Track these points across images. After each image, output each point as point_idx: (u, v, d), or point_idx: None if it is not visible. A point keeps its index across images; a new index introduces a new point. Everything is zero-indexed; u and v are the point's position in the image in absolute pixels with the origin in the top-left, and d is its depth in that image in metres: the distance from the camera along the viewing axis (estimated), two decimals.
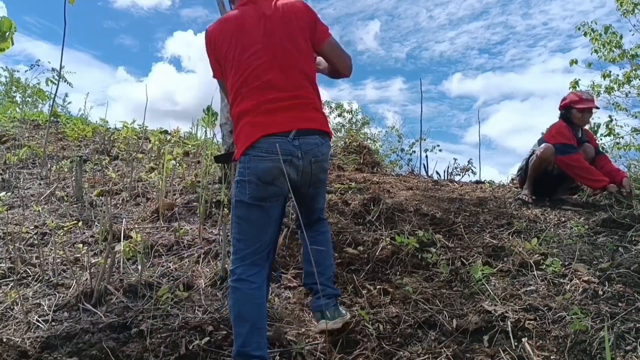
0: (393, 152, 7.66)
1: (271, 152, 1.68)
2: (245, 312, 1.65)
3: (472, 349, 1.82)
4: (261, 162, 1.69)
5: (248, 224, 1.74)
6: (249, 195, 1.71)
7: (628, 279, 2.17)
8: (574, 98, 3.81)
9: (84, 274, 2.52)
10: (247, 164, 1.71)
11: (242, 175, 1.73)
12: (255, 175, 1.70)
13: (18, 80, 8.44)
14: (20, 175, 4.33)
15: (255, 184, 1.70)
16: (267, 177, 1.70)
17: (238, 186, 1.75)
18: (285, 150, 1.69)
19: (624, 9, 7.24)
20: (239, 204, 1.74)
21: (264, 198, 1.73)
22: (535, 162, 3.68)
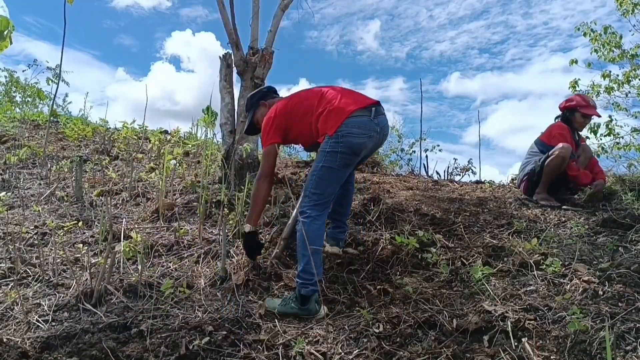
0: (393, 152, 7.65)
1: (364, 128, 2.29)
2: (312, 239, 2.16)
3: (472, 349, 1.82)
4: (354, 138, 2.25)
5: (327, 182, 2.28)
6: (339, 163, 2.26)
7: (628, 279, 2.17)
8: (582, 102, 3.80)
9: (84, 274, 2.52)
10: (342, 139, 2.24)
11: (334, 147, 2.25)
12: (349, 147, 2.25)
13: (17, 80, 8.43)
14: (20, 175, 4.33)
15: (347, 154, 2.26)
16: (357, 150, 2.28)
17: (328, 156, 2.26)
18: (371, 129, 2.31)
19: (623, 9, 7.24)
20: (325, 168, 2.27)
21: (347, 165, 2.31)
22: (557, 163, 3.56)
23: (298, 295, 2.16)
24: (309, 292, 2.15)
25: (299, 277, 2.20)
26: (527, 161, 3.92)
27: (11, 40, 2.31)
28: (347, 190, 2.71)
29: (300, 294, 2.15)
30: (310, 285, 2.15)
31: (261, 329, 2.02)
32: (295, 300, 2.17)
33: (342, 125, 2.25)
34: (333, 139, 2.26)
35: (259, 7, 4.31)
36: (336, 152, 2.25)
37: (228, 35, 4.19)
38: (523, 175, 3.88)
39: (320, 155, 2.30)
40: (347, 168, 2.35)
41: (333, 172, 2.28)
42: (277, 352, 1.83)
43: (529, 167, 3.82)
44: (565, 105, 3.87)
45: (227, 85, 4.19)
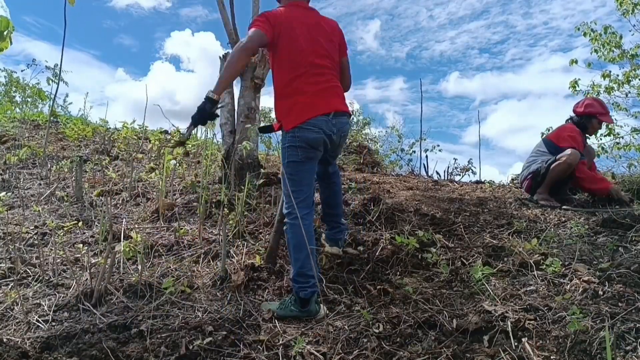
0: (393, 152, 7.66)
1: (319, 127, 2.26)
2: (303, 242, 2.13)
3: (472, 349, 1.82)
4: (310, 133, 2.24)
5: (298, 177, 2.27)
6: (301, 156, 2.25)
7: (628, 279, 2.16)
8: (601, 109, 3.81)
9: (84, 274, 2.52)
10: (298, 134, 2.24)
11: (293, 142, 2.24)
12: (305, 142, 2.25)
13: (17, 80, 8.43)
14: (20, 175, 4.33)
15: (305, 148, 2.25)
16: (314, 144, 2.27)
17: (289, 150, 2.26)
18: (327, 128, 2.29)
19: (623, 9, 7.24)
20: (291, 164, 2.26)
21: (310, 158, 2.29)
22: (563, 168, 3.56)
23: (297, 299, 2.14)
24: (307, 295, 2.13)
25: (295, 282, 2.17)
26: (532, 159, 3.88)
27: (11, 41, 2.31)
28: (332, 191, 2.69)
29: (300, 297, 2.13)
30: (309, 287, 2.14)
31: (261, 329, 2.02)
32: (294, 303, 2.15)
33: (300, 124, 2.23)
34: (290, 134, 2.26)
35: (259, 7, 4.31)
36: (295, 147, 2.25)
37: (228, 35, 4.19)
38: (527, 174, 3.85)
39: (282, 153, 2.32)
40: (311, 161, 2.32)
41: (300, 166, 2.27)
42: (277, 352, 1.83)
43: (534, 167, 3.79)
44: (585, 111, 3.82)
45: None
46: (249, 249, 2.87)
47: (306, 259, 2.15)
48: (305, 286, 2.14)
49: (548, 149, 3.83)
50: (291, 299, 2.19)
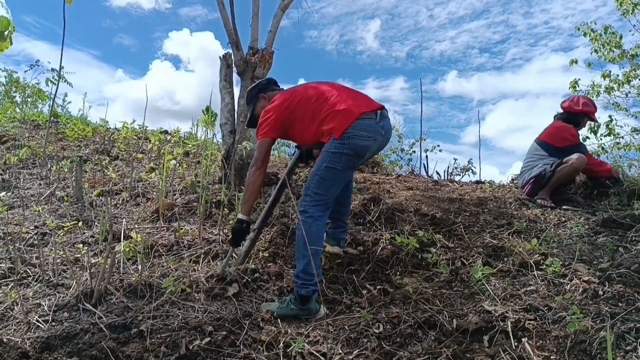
0: (393, 152, 7.65)
1: (368, 131, 2.27)
2: (313, 240, 2.16)
3: (472, 349, 1.82)
4: (360, 141, 2.24)
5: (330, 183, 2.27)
6: (343, 164, 2.24)
7: (628, 279, 2.16)
8: (592, 109, 3.90)
9: (84, 274, 2.52)
10: (347, 141, 2.23)
11: (340, 149, 2.24)
12: (354, 150, 2.24)
13: (17, 81, 8.43)
14: (20, 175, 4.33)
15: (352, 156, 2.25)
16: (362, 152, 2.28)
17: (333, 157, 2.24)
18: (376, 132, 2.31)
19: (623, 9, 7.24)
20: (330, 169, 2.24)
21: (351, 167, 2.32)
22: (569, 172, 3.61)
23: (298, 296, 2.15)
24: (309, 292, 2.14)
25: (299, 278, 2.18)
26: (532, 164, 3.87)
27: (11, 41, 2.32)
28: (347, 190, 2.70)
29: (300, 295, 2.14)
30: (311, 285, 2.15)
31: (261, 329, 2.02)
32: (294, 302, 2.16)
33: (349, 128, 2.23)
34: (339, 141, 2.24)
35: (259, 7, 4.31)
36: (341, 154, 2.23)
37: (228, 35, 4.19)
38: (530, 178, 3.83)
39: (324, 156, 2.28)
40: (351, 170, 2.35)
41: (337, 173, 2.26)
42: (277, 352, 1.83)
43: (537, 171, 3.77)
44: (583, 109, 3.85)
45: (227, 85, 4.19)
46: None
47: (313, 257, 2.16)
48: (307, 283, 2.15)
49: (546, 151, 3.83)
50: (291, 298, 2.19)
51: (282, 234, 3.02)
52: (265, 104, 2.58)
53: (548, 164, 3.72)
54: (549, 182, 3.68)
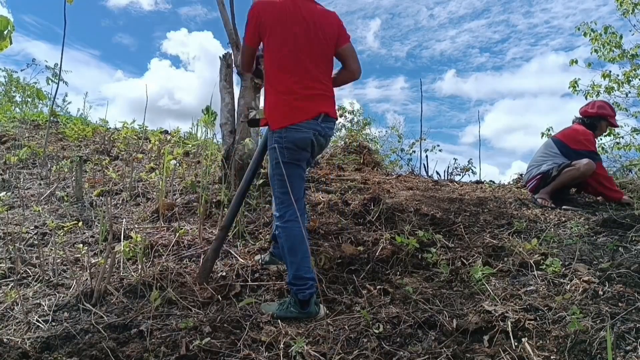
0: (393, 152, 7.67)
1: (306, 127, 2.20)
2: (297, 244, 2.15)
3: (472, 349, 1.82)
4: (297, 133, 2.18)
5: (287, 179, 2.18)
6: (288, 157, 2.18)
7: (628, 279, 2.16)
8: (611, 112, 3.86)
9: (84, 274, 2.52)
10: (285, 134, 2.18)
11: (279, 142, 2.19)
12: (292, 143, 2.18)
13: (17, 80, 8.43)
14: (20, 175, 4.33)
15: (292, 149, 2.19)
16: (301, 144, 2.20)
17: (276, 151, 2.19)
18: (314, 128, 2.23)
19: (623, 8, 7.24)
20: (278, 164, 2.18)
21: (297, 160, 2.23)
22: (575, 175, 3.58)
23: (297, 300, 2.13)
24: (306, 297, 2.12)
25: (293, 285, 2.15)
26: (542, 160, 3.83)
27: (11, 40, 2.31)
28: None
29: (299, 299, 2.13)
30: (307, 289, 2.13)
31: (261, 330, 2.02)
32: (294, 305, 2.14)
33: (288, 126, 2.18)
34: (276, 134, 2.20)
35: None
36: (282, 147, 2.18)
37: (228, 35, 4.19)
38: (537, 173, 3.80)
39: (270, 153, 2.26)
40: (300, 163, 2.25)
41: (288, 167, 2.19)
42: (278, 352, 1.83)
43: (545, 167, 3.75)
44: (598, 112, 3.83)
45: (227, 85, 4.19)
46: (249, 249, 2.87)
47: (302, 261, 2.13)
48: (302, 288, 2.12)
49: (560, 150, 3.80)
50: (291, 301, 2.18)
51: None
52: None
53: (557, 163, 3.70)
54: (553, 181, 3.67)
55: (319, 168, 5.30)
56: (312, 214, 3.41)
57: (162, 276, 2.44)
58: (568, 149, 3.76)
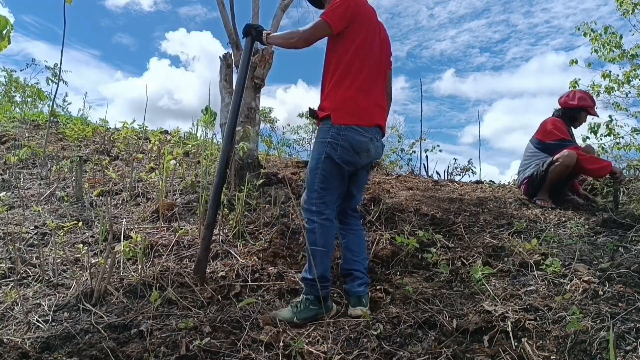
0: (393, 152, 7.67)
1: (368, 133, 2.16)
2: (329, 244, 2.13)
3: (472, 349, 1.82)
4: (357, 135, 2.12)
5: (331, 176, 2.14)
6: (339, 155, 2.11)
7: (628, 279, 2.16)
8: (591, 102, 3.85)
9: (84, 274, 2.52)
10: (344, 132, 2.11)
11: (335, 139, 2.11)
12: (349, 142, 2.11)
13: (17, 80, 8.43)
14: (20, 175, 4.33)
15: (347, 149, 2.12)
16: (357, 147, 2.14)
17: (329, 147, 2.11)
18: (372, 137, 2.19)
19: (623, 9, 7.24)
20: (328, 160, 2.12)
21: (347, 162, 2.15)
22: (561, 170, 3.56)
23: (316, 298, 2.11)
24: (327, 293, 2.16)
25: (317, 282, 2.09)
26: (526, 163, 3.88)
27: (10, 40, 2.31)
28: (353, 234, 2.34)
29: (321, 296, 2.11)
30: (329, 285, 2.18)
31: (261, 329, 2.02)
32: (313, 302, 2.12)
33: (352, 125, 2.12)
34: (334, 129, 2.11)
35: (259, 7, 4.31)
36: (337, 144, 2.11)
37: (228, 35, 4.19)
38: (523, 178, 3.86)
39: (319, 147, 2.16)
40: (348, 166, 2.17)
41: (336, 166, 2.14)
42: (277, 352, 1.83)
43: (530, 171, 3.78)
44: (579, 104, 3.82)
45: (227, 85, 4.19)
46: (249, 249, 2.87)
47: (329, 262, 2.15)
48: (326, 285, 2.14)
49: (537, 148, 3.83)
50: (306, 301, 2.13)
51: (282, 234, 3.02)
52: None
53: (539, 164, 3.72)
54: (543, 182, 3.68)
55: None
56: None
57: (162, 276, 2.44)
58: (543, 144, 3.79)
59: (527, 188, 3.82)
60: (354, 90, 2.15)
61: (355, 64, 2.17)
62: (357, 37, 2.17)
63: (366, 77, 2.18)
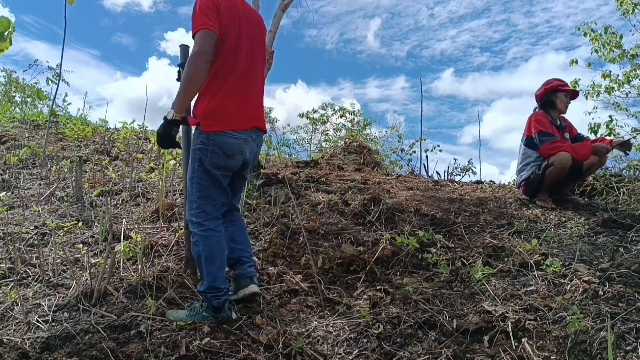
0: (393, 152, 7.67)
1: (237, 135, 2.08)
2: (215, 254, 2.05)
3: (472, 349, 1.82)
4: (227, 138, 2.05)
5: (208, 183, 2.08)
6: (211, 161, 2.04)
7: (628, 279, 2.16)
8: (558, 82, 3.83)
9: (84, 274, 2.52)
10: (213, 137, 2.03)
11: (206, 144, 2.03)
12: (220, 147, 2.04)
13: (17, 81, 8.44)
14: (20, 175, 4.33)
15: (219, 154, 2.04)
16: (229, 151, 2.07)
17: (200, 153, 2.04)
18: (245, 138, 2.12)
19: (623, 8, 7.24)
20: (201, 167, 2.05)
21: (220, 167, 2.08)
22: (557, 173, 3.56)
23: (210, 307, 2.05)
24: (221, 303, 2.04)
25: (207, 293, 2.04)
26: (521, 167, 3.89)
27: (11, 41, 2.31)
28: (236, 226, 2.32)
29: (214, 306, 2.04)
30: (222, 295, 2.05)
31: (261, 330, 2.02)
32: (207, 309, 2.07)
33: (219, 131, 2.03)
34: (204, 135, 2.03)
35: (259, 7, 4.31)
36: (207, 150, 2.02)
37: None
38: (520, 181, 3.88)
39: (192, 154, 2.08)
40: (224, 170, 2.10)
41: (210, 172, 2.05)
42: (277, 352, 1.83)
43: (526, 174, 3.79)
44: (546, 88, 3.83)
45: None
46: None
47: (218, 271, 2.05)
48: (218, 295, 2.03)
49: (525, 145, 3.85)
50: (202, 306, 2.09)
51: (282, 234, 3.02)
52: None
53: (535, 166, 3.72)
54: (541, 184, 3.69)
55: (319, 168, 5.31)
56: (312, 214, 3.41)
57: (162, 276, 2.44)
58: (527, 139, 3.81)
59: (525, 190, 3.85)
60: (221, 95, 2.05)
61: (225, 67, 2.06)
62: (225, 38, 2.04)
63: (236, 79, 2.08)
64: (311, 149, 10.21)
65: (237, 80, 2.09)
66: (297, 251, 2.84)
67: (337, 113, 10.78)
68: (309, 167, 5.39)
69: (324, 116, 10.75)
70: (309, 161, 5.86)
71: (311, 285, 2.46)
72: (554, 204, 3.65)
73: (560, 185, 3.74)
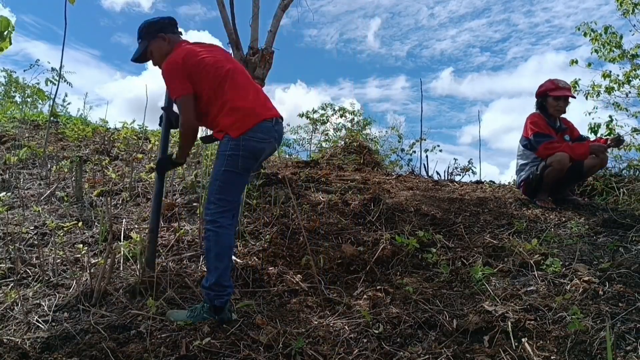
0: (393, 152, 7.67)
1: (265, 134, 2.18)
2: (224, 252, 2.10)
3: (473, 349, 1.82)
4: (257, 143, 2.15)
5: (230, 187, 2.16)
6: (240, 166, 2.13)
7: (628, 279, 2.16)
8: (550, 86, 3.79)
9: (84, 274, 2.52)
10: (243, 142, 2.11)
11: (236, 150, 2.11)
12: (249, 151, 2.13)
13: (17, 81, 8.44)
14: (20, 175, 4.33)
15: (248, 157, 2.14)
16: (258, 154, 2.19)
17: (230, 159, 2.12)
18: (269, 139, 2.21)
19: (623, 8, 7.23)
20: (228, 172, 2.13)
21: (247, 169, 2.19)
22: (556, 174, 3.56)
23: (211, 306, 2.06)
24: (223, 303, 2.06)
25: (212, 290, 2.06)
26: (520, 167, 3.89)
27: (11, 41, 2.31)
28: None
29: (215, 305, 2.05)
30: (225, 295, 2.07)
31: (261, 330, 2.02)
32: (207, 311, 2.07)
33: (248, 130, 2.11)
34: (234, 141, 2.11)
35: (259, 7, 4.31)
36: (237, 156, 2.11)
37: (228, 35, 4.19)
38: (520, 181, 3.88)
39: (221, 159, 2.16)
40: (248, 172, 2.22)
41: (237, 176, 2.15)
42: (277, 352, 1.83)
43: (525, 175, 3.79)
44: (538, 92, 3.85)
45: None
46: (249, 249, 2.87)
47: (225, 269, 2.08)
48: (221, 294, 2.06)
49: (523, 145, 3.85)
50: (203, 307, 2.10)
51: (282, 234, 3.02)
52: (164, 45, 2.35)
53: (533, 166, 3.73)
54: (540, 185, 3.69)
55: (319, 168, 5.31)
56: (312, 214, 3.41)
57: (162, 276, 2.44)
58: (525, 140, 3.81)
59: (525, 190, 3.85)
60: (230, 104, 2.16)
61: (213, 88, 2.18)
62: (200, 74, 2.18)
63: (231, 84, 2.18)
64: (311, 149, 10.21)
65: (232, 84, 2.19)
66: (297, 251, 2.84)
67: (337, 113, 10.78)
68: (309, 167, 5.39)
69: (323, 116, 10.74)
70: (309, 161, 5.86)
71: (311, 285, 2.46)
72: (554, 204, 3.65)
73: (561, 186, 3.74)
